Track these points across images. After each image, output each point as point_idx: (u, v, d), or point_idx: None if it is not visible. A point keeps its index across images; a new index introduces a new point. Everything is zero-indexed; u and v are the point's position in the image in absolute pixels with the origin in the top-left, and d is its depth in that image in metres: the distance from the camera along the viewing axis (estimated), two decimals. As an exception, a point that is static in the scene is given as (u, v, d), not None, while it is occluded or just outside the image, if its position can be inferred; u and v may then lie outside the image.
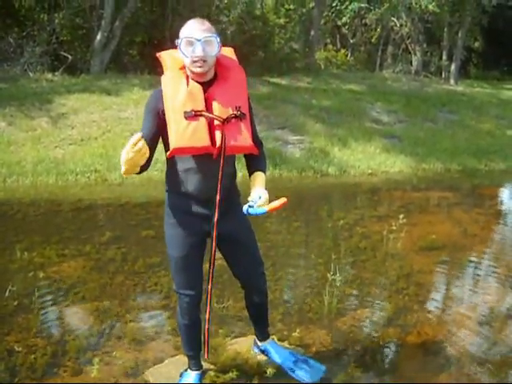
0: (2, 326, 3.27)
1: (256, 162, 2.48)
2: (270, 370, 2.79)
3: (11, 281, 3.80)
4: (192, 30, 2.21)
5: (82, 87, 9.96)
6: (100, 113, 8.96)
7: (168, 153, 2.24)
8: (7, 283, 3.73)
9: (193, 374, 2.66)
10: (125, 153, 2.01)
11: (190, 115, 2.20)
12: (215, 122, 2.23)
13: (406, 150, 9.49)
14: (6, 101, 8.86)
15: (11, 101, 8.89)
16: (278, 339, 3.03)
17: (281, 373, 2.76)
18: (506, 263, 4.66)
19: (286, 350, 2.89)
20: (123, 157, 2.02)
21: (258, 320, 2.83)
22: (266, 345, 2.85)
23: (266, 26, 15.26)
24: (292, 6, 17.95)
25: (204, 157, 2.26)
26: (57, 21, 12.58)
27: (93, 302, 3.62)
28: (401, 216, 5.05)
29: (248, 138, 2.31)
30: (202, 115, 2.22)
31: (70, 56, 12.43)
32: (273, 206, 2.22)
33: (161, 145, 2.34)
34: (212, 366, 2.79)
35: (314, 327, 3.32)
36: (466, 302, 3.85)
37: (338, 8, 17.12)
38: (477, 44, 24.47)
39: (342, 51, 20.15)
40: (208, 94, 2.26)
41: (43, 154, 7.60)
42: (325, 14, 18.23)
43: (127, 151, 2.00)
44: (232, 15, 14.22)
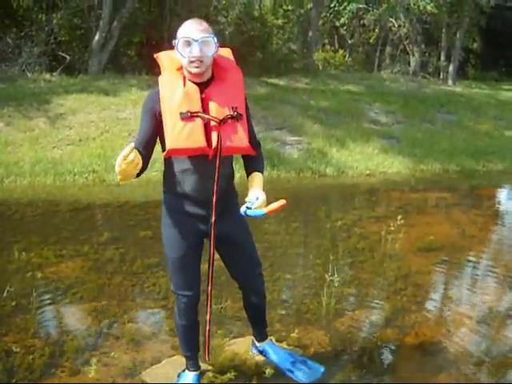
0: (0, 326, 3.26)
1: (253, 163, 2.48)
2: (268, 370, 2.79)
3: (9, 281, 3.79)
4: (189, 31, 2.21)
5: (80, 87, 9.94)
6: (98, 113, 8.94)
7: (164, 153, 2.24)
8: (5, 284, 3.72)
9: (191, 375, 2.66)
10: (117, 165, 2.02)
11: (186, 116, 2.20)
12: (211, 122, 2.24)
13: (404, 151, 9.48)
14: (4, 101, 8.84)
15: (9, 101, 8.87)
16: (277, 340, 3.03)
17: (279, 373, 2.76)
18: (504, 263, 4.66)
19: (284, 350, 2.89)
20: (116, 168, 2.04)
21: (256, 321, 2.83)
22: (264, 345, 2.85)
23: (264, 26, 15.26)
24: (290, 7, 17.96)
25: (200, 158, 2.27)
26: (55, 21, 12.55)
27: (91, 303, 3.61)
28: (399, 217, 5.06)
29: (244, 138, 2.31)
30: (198, 116, 2.22)
31: (68, 56, 12.41)
32: (272, 207, 2.21)
33: (160, 145, 2.34)
34: (210, 367, 2.79)
35: (312, 328, 3.32)
36: (464, 303, 3.85)
37: (336, 9, 17.17)
38: (475, 45, 24.47)
39: (340, 52, 20.12)
40: (205, 95, 2.26)
41: (41, 154, 7.59)
42: (323, 15, 18.25)
43: (119, 163, 2.01)
44: (230, 16, 14.22)
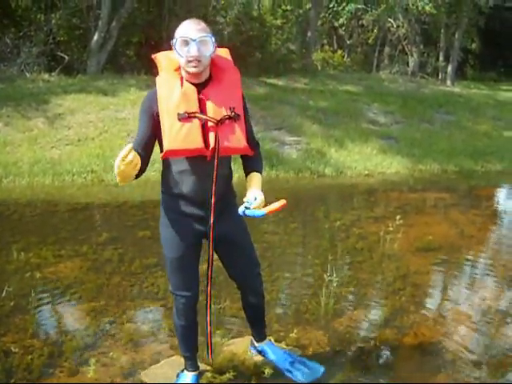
0: (-1, 326, 3.26)
1: (252, 163, 2.48)
2: (267, 370, 2.79)
3: (8, 281, 3.79)
4: (187, 30, 2.21)
5: (79, 87, 9.94)
6: (97, 113, 8.94)
7: (161, 154, 2.24)
8: (4, 284, 3.72)
9: (189, 375, 2.66)
10: (116, 166, 2.01)
11: (184, 117, 2.20)
12: (209, 123, 2.23)
13: (403, 151, 9.49)
14: (3, 101, 8.84)
15: (8, 101, 8.87)
16: (275, 340, 3.03)
17: (278, 373, 2.76)
18: (502, 263, 4.67)
19: (283, 350, 2.89)
20: (115, 169, 2.03)
21: (254, 321, 2.83)
22: (263, 345, 2.85)
23: (263, 26, 15.26)
24: (289, 7, 17.96)
25: (198, 158, 2.26)
26: (53, 21, 12.55)
27: (89, 303, 3.61)
28: (397, 217, 5.07)
29: (242, 139, 2.30)
30: (195, 117, 2.22)
31: (66, 56, 12.40)
32: (272, 208, 2.20)
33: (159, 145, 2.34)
34: (209, 367, 2.79)
35: (310, 328, 3.32)
36: (463, 303, 3.85)
37: (334, 9, 17.19)
38: (473, 45, 24.49)
39: (339, 52, 20.13)
40: (202, 95, 2.26)
41: (40, 154, 7.58)
42: (322, 15, 18.26)
43: (118, 165, 2.01)
44: (229, 16, 14.22)
